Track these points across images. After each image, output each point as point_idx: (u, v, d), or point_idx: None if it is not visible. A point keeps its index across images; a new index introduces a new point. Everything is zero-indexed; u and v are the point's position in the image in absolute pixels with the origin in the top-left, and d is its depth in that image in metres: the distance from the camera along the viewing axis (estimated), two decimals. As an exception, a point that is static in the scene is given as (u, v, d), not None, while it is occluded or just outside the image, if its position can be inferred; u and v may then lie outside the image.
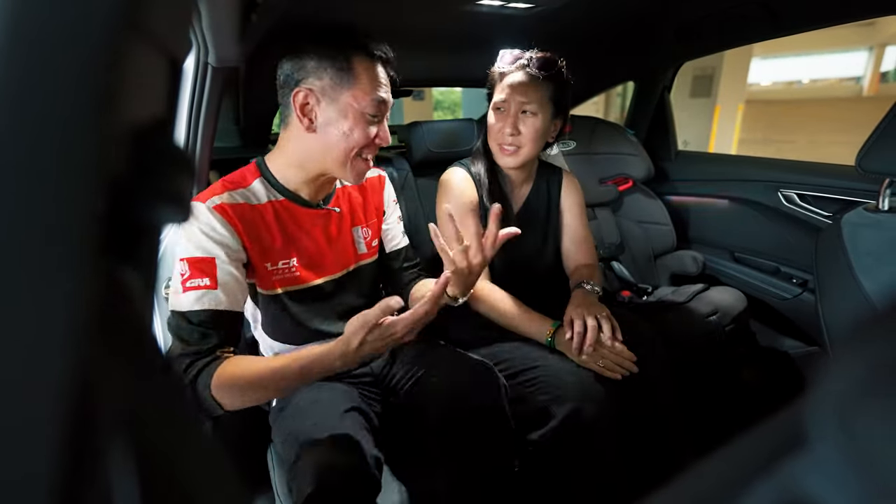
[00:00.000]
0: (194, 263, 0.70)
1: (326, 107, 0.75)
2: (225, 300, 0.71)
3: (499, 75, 1.03)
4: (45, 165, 0.13)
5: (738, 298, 1.36)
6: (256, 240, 0.77)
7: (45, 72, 0.13)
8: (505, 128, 1.01)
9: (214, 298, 0.69)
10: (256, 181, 0.80)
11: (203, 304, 0.69)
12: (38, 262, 0.12)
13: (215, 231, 0.72)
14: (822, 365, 0.13)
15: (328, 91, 0.74)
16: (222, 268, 0.71)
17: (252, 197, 0.78)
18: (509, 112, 1.00)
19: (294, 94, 0.75)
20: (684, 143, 5.10)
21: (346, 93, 0.74)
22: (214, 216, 0.72)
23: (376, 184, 0.99)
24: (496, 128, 1.03)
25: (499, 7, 1.11)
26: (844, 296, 0.93)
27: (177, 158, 0.17)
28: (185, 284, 0.69)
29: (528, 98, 0.99)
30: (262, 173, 0.81)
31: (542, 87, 0.99)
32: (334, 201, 0.90)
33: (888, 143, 0.89)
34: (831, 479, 0.12)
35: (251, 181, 0.80)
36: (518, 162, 1.04)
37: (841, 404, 0.12)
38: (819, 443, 0.12)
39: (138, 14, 0.14)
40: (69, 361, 0.12)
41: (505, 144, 1.02)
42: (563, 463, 0.84)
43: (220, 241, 0.72)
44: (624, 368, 0.89)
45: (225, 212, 0.73)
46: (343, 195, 0.92)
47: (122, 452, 0.14)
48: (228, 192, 0.76)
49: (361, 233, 0.94)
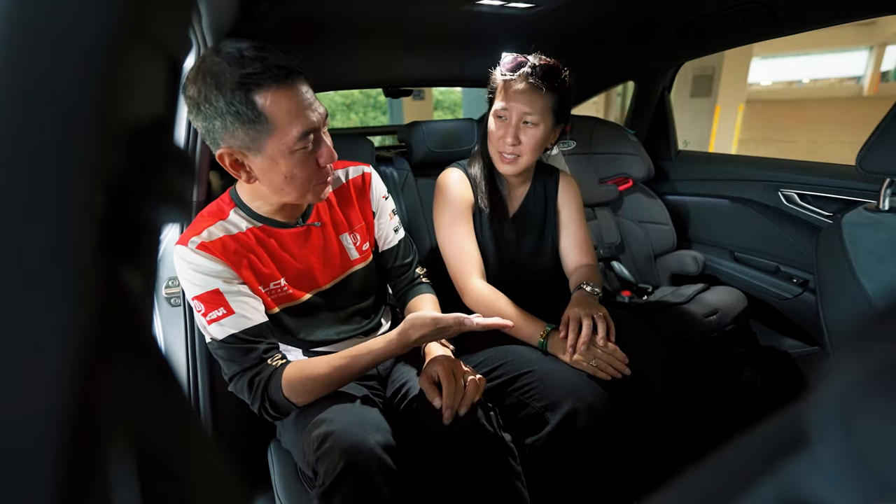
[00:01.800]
0: (204, 299, 0.75)
1: (255, 159, 0.70)
2: (245, 318, 0.76)
3: (501, 82, 1.01)
4: (45, 165, 0.13)
5: (739, 298, 1.36)
6: (244, 266, 0.79)
7: (46, 72, 0.13)
8: (506, 137, 0.99)
9: (235, 322, 0.75)
10: (232, 211, 0.81)
11: (228, 330, 0.75)
12: (39, 261, 0.12)
13: (204, 266, 0.75)
14: (822, 365, 0.13)
15: (251, 146, 0.69)
16: (229, 292, 0.76)
17: (231, 227, 0.79)
18: (511, 121, 0.99)
19: (219, 156, 0.71)
20: (684, 143, 5.09)
21: (268, 140, 0.68)
22: (199, 255, 0.75)
23: (360, 184, 0.96)
24: (496, 135, 1.01)
25: (499, 7, 1.11)
26: (845, 296, 0.93)
27: (177, 158, 0.17)
28: (207, 318, 0.75)
29: (531, 109, 0.97)
30: (236, 204, 0.82)
31: (544, 98, 0.97)
32: (314, 215, 0.89)
33: (888, 143, 0.89)
34: (832, 480, 0.12)
35: (227, 212, 0.80)
36: (517, 170, 1.04)
37: (841, 404, 0.12)
38: (819, 443, 0.12)
39: (138, 14, 0.14)
40: (69, 361, 0.12)
41: (505, 153, 1.01)
42: (560, 467, 0.84)
43: (214, 273, 0.75)
44: (615, 369, 0.89)
45: (207, 248, 0.75)
46: (323, 206, 0.91)
47: (122, 453, 0.14)
48: (207, 229, 0.77)
49: (350, 239, 0.93)
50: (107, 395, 0.14)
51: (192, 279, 0.75)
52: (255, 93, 0.65)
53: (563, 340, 0.91)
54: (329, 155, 0.75)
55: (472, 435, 0.79)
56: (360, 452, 0.69)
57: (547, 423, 0.84)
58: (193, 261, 0.74)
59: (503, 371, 0.93)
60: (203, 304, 0.74)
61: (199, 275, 0.74)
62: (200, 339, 0.97)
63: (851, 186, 1.27)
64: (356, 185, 0.95)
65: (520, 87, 0.97)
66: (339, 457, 0.68)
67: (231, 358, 0.76)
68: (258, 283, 0.81)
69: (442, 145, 1.37)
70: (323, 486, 0.68)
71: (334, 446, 0.69)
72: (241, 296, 0.77)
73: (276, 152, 0.69)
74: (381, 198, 0.99)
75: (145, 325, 0.17)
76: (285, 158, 0.70)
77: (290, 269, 0.85)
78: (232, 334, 0.75)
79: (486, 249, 1.10)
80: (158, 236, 0.19)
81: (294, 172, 0.72)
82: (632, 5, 1.26)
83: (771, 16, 1.21)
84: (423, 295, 1.02)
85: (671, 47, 1.53)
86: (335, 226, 0.92)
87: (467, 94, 6.55)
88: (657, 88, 1.75)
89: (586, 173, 1.60)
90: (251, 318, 0.77)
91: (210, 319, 0.74)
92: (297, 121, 0.68)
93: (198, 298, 0.75)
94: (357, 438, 0.70)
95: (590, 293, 1.00)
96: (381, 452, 0.70)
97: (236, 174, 0.73)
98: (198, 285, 0.75)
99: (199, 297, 0.75)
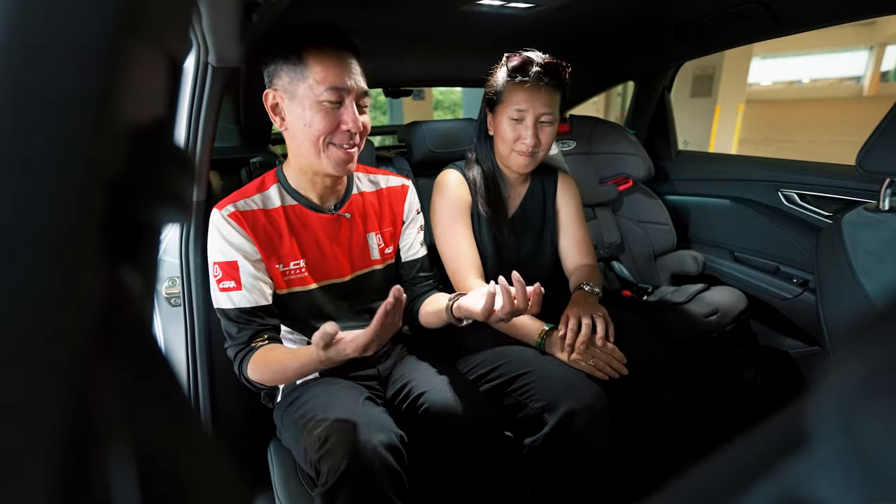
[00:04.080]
0: (223, 267, 0.81)
1: (289, 103, 0.79)
2: (251, 298, 0.82)
3: (509, 83, 1.00)
4: (45, 165, 0.13)
5: (739, 298, 1.36)
6: (268, 242, 0.84)
7: (46, 71, 0.13)
8: (525, 138, 1.00)
9: (241, 298, 0.81)
10: (273, 186, 0.87)
11: (233, 302, 0.81)
12: (39, 261, 0.12)
13: (232, 237, 0.81)
14: (822, 365, 0.13)
15: (288, 88, 0.78)
16: (244, 269, 0.81)
17: (267, 202, 0.86)
18: (528, 122, 0.99)
19: (265, 96, 0.81)
20: (684, 143, 5.09)
21: (302, 85, 0.77)
22: (229, 223, 0.81)
23: (398, 192, 1.00)
24: (513, 137, 1.01)
25: (499, 7, 1.11)
26: (845, 296, 0.93)
27: (177, 158, 0.17)
28: (220, 285, 0.81)
29: (550, 109, 0.99)
30: (278, 179, 0.88)
31: (556, 96, 1.00)
32: (346, 207, 0.92)
33: (888, 143, 0.89)
34: (832, 480, 0.12)
35: (269, 186, 0.87)
36: (533, 166, 1.05)
37: (842, 404, 0.12)
38: (820, 443, 0.12)
39: (137, 14, 0.14)
40: (69, 361, 0.12)
41: (526, 154, 1.02)
42: (559, 468, 0.84)
43: (238, 246, 0.81)
44: (614, 369, 0.89)
45: (238, 218, 0.82)
46: (357, 201, 0.94)
47: (122, 453, 0.14)
48: (245, 199, 0.84)
49: (375, 239, 0.96)
50: (107, 395, 0.14)
51: (219, 246, 0.81)
52: (305, 48, 0.77)
53: (561, 340, 0.91)
54: (353, 121, 0.79)
55: (475, 433, 0.79)
56: (363, 452, 0.69)
57: (545, 424, 0.84)
58: (223, 229, 0.81)
59: (501, 372, 0.93)
60: (220, 270, 0.81)
61: (225, 244, 0.81)
62: (200, 339, 0.97)
63: (851, 186, 1.27)
64: (393, 192, 0.99)
65: (535, 88, 0.98)
66: (342, 457, 0.68)
67: (227, 328, 0.83)
68: (277, 262, 0.85)
69: (442, 145, 1.37)
70: (326, 485, 0.68)
71: (337, 446, 0.70)
72: (255, 276, 0.82)
73: (305, 98, 0.77)
74: (415, 211, 1.02)
75: (145, 325, 0.17)
76: (310, 104, 0.77)
77: (312, 253, 0.88)
78: (235, 308, 0.81)
79: (484, 250, 1.10)
80: (158, 236, 0.19)
81: (314, 121, 0.78)
82: (632, 5, 1.26)
83: (771, 16, 1.21)
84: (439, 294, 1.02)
85: (671, 47, 1.53)
86: (364, 223, 0.95)
87: (467, 94, 6.55)
88: (657, 88, 1.75)
89: (586, 173, 1.60)
90: (255, 300, 0.82)
91: (222, 287, 0.81)
92: (331, 76, 0.77)
93: (217, 264, 0.81)
94: (360, 438, 0.70)
95: (589, 293, 1.00)
96: (385, 452, 0.71)
97: (273, 117, 0.82)
98: (221, 252, 0.81)
99: (218, 264, 0.81)
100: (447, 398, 0.83)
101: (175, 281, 0.97)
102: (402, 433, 0.77)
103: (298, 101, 0.78)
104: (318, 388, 0.86)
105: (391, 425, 0.78)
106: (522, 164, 1.04)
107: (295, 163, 0.86)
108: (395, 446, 0.73)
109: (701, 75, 5.51)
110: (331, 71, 0.77)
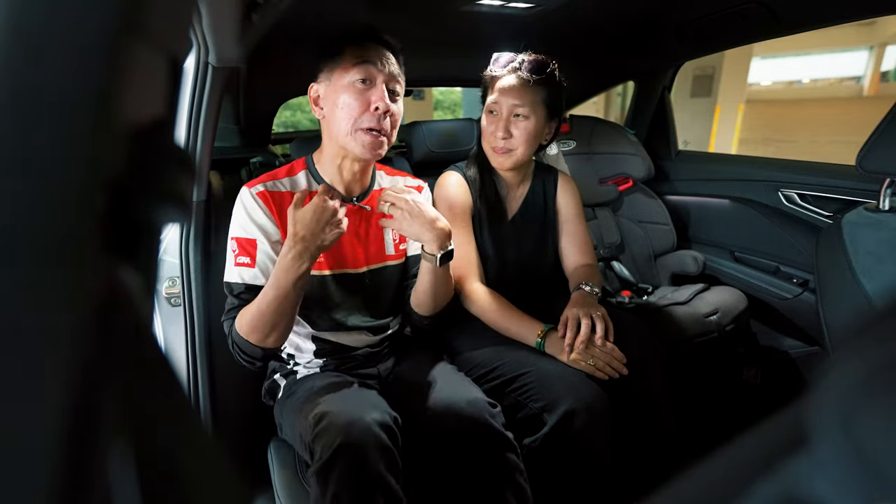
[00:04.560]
0: (241, 243, 0.84)
1: (326, 90, 0.85)
2: (261, 277, 0.83)
3: (491, 79, 1.04)
4: (45, 165, 0.13)
5: (739, 298, 1.36)
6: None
7: (46, 71, 0.13)
8: (497, 131, 1.01)
9: (253, 276, 0.84)
10: (301, 172, 0.91)
11: (244, 278, 0.83)
12: (39, 261, 0.12)
13: (256, 214, 0.84)
14: (822, 365, 0.13)
15: (325, 79, 0.85)
16: (262, 249, 0.84)
17: (295, 186, 0.90)
18: (501, 115, 1.01)
19: (309, 89, 0.87)
20: (684, 143, 5.08)
21: (336, 71, 0.83)
22: (256, 202, 0.84)
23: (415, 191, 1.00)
24: (489, 130, 1.04)
25: (499, 7, 1.11)
26: (845, 295, 0.93)
27: (177, 158, 0.17)
28: (236, 260, 0.84)
29: (520, 101, 0.99)
30: (307, 165, 0.92)
31: (533, 91, 1.00)
32: (368, 200, 0.95)
33: (888, 143, 0.89)
34: (832, 480, 0.12)
35: (297, 172, 0.91)
36: (511, 163, 1.05)
37: (842, 404, 0.12)
38: (820, 443, 0.12)
39: (138, 14, 0.14)
40: (69, 361, 0.12)
41: (497, 147, 1.03)
42: (559, 468, 0.84)
43: (260, 225, 0.84)
44: (613, 369, 0.89)
45: (265, 198, 0.85)
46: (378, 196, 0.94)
47: (123, 453, 0.14)
48: (274, 180, 0.88)
49: (392, 234, 0.97)
50: (107, 395, 0.14)
51: (241, 222, 0.84)
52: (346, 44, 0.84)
53: (561, 340, 0.91)
54: (381, 98, 0.82)
55: (475, 433, 0.79)
56: (356, 429, 0.69)
57: (545, 424, 0.84)
58: (249, 206, 0.84)
59: (501, 372, 0.93)
60: (238, 246, 0.84)
61: (248, 221, 0.84)
62: (200, 339, 0.97)
63: (851, 186, 1.27)
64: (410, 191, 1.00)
65: (509, 81, 1.00)
66: (336, 433, 0.69)
67: (229, 303, 0.85)
68: None
69: (442, 145, 1.37)
70: (320, 460, 0.68)
71: (331, 424, 0.70)
72: (270, 257, 0.84)
73: (338, 81, 0.83)
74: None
75: (145, 325, 0.17)
76: (343, 87, 0.82)
77: None
78: (243, 283, 0.83)
79: (485, 250, 1.10)
80: (158, 236, 0.19)
81: (347, 102, 0.82)
82: (632, 5, 1.26)
83: (771, 16, 1.21)
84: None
85: (671, 47, 1.53)
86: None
87: (467, 94, 6.54)
88: (657, 88, 1.75)
89: (586, 173, 1.60)
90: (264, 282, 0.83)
91: (237, 262, 0.83)
92: (362, 64, 0.82)
93: (236, 239, 0.84)
94: (354, 416, 0.71)
95: (589, 293, 1.00)
96: (378, 430, 0.71)
97: (314, 109, 0.88)
98: (243, 228, 0.84)
99: (237, 239, 0.84)
100: (447, 398, 0.83)
101: (175, 281, 0.97)
102: (395, 414, 0.78)
103: (333, 86, 0.83)
104: (317, 379, 0.88)
105: (385, 406, 0.79)
106: (498, 161, 1.05)
107: (327, 149, 0.90)
108: (388, 425, 0.74)
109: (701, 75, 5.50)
110: (363, 53, 0.83)
